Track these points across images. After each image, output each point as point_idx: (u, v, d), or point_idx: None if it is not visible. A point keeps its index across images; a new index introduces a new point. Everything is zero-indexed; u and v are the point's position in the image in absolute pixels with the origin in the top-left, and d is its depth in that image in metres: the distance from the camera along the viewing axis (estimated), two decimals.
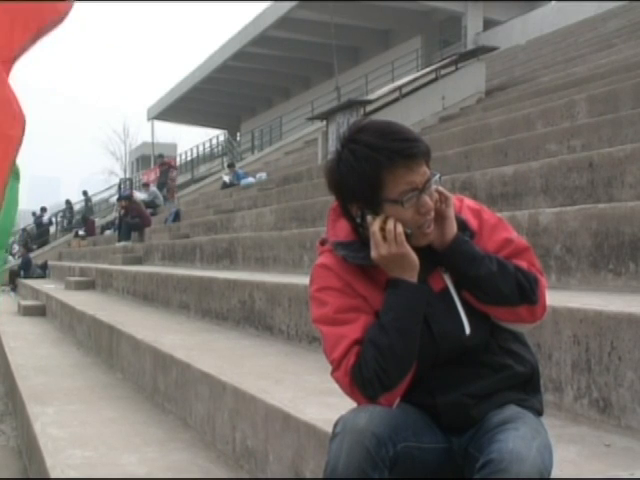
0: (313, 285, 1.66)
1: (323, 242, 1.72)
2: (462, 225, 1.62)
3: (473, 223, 1.65)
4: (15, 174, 1.71)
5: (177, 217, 13.72)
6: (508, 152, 5.98)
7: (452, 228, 1.59)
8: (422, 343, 1.56)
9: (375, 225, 1.54)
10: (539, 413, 1.63)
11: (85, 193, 26.26)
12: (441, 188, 1.58)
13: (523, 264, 1.62)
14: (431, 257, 1.59)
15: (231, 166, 18.43)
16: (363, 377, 1.53)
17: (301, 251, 5.44)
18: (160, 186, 20.00)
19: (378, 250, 1.54)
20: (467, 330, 1.58)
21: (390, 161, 1.51)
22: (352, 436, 1.47)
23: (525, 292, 1.58)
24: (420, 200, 1.53)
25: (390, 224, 1.53)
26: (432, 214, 1.56)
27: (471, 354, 1.60)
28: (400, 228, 1.53)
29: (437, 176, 1.57)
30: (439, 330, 1.58)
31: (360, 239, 1.62)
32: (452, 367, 1.60)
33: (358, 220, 1.60)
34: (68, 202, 26.72)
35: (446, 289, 1.61)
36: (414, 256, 1.55)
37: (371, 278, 1.62)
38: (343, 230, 1.65)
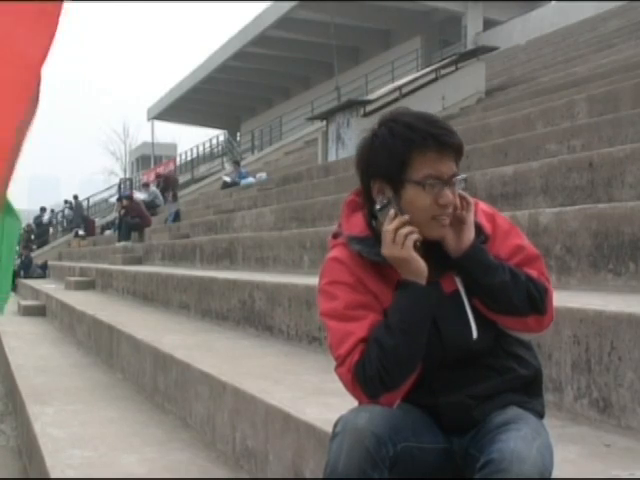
0: (324, 278, 1.65)
1: (336, 235, 1.71)
2: (477, 228, 1.62)
3: (487, 227, 1.65)
4: (9, 210, 1.60)
5: (177, 217, 13.72)
6: (508, 152, 5.98)
7: (470, 234, 1.59)
8: (429, 344, 1.56)
9: (391, 225, 1.54)
10: (541, 416, 1.63)
11: (76, 197, 26.08)
12: (464, 193, 1.59)
13: (533, 273, 1.62)
14: (445, 258, 1.59)
15: (237, 163, 18.37)
16: (366, 375, 1.53)
17: (301, 251, 5.44)
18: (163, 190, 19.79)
19: (383, 248, 1.56)
20: (474, 334, 1.58)
21: (423, 142, 1.54)
22: (352, 436, 1.47)
23: (535, 302, 1.59)
24: (442, 191, 1.54)
25: (405, 229, 1.53)
26: (450, 209, 1.56)
27: (476, 357, 1.60)
28: (414, 235, 1.53)
29: (463, 177, 1.58)
30: (447, 332, 1.58)
31: (374, 234, 1.62)
32: (456, 368, 1.60)
33: (377, 206, 1.59)
34: (67, 201, 26.62)
35: (457, 292, 1.61)
36: (420, 263, 1.55)
37: (383, 275, 1.61)
38: (357, 225, 1.65)
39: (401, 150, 1.55)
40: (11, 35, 1.25)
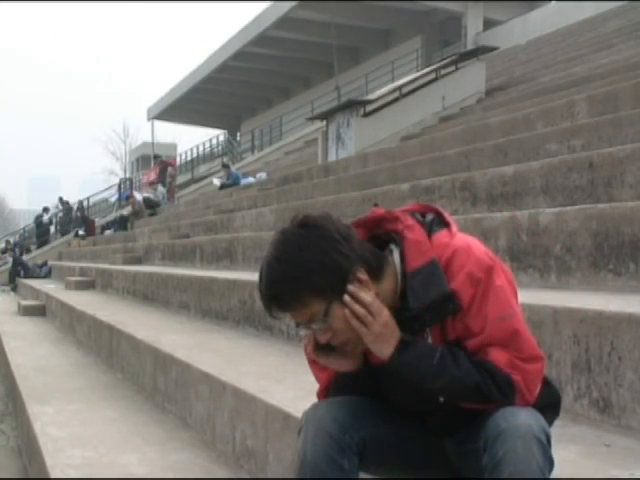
0: None
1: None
2: (453, 297, 1.47)
3: (466, 295, 1.46)
4: None
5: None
6: (508, 152, 5.97)
7: (375, 348, 1.51)
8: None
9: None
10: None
11: (63, 202, 25.98)
12: (355, 308, 1.49)
13: (501, 359, 1.46)
14: (412, 319, 1.51)
15: (226, 167, 18.20)
16: None
17: None
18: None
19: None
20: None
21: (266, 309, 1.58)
22: (314, 424, 1.52)
23: (491, 398, 1.47)
24: (313, 334, 1.60)
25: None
26: (342, 339, 1.56)
27: None
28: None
29: (324, 319, 1.52)
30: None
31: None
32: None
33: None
34: (66, 202, 26.60)
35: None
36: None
37: None
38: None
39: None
40: None
